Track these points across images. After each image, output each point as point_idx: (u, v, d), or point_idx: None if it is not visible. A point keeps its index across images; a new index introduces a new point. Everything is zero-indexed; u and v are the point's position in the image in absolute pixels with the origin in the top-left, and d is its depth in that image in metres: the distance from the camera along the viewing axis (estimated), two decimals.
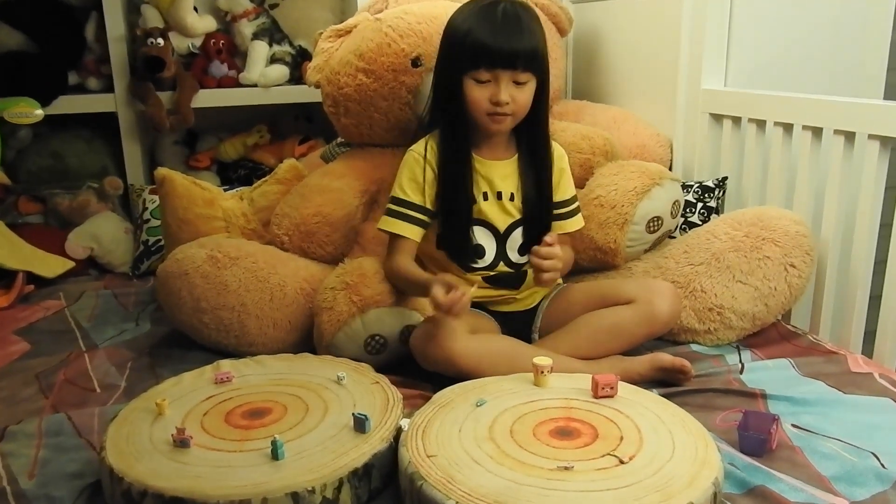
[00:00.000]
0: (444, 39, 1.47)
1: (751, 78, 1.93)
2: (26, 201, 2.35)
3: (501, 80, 1.39)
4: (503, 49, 1.37)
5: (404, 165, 1.50)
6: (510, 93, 1.40)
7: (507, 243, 1.52)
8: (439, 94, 1.49)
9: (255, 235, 1.82)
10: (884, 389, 1.36)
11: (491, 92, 1.40)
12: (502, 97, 1.39)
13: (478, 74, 1.39)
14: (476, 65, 1.39)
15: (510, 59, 1.38)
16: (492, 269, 1.52)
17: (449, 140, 1.48)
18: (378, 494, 1.10)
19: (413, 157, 1.50)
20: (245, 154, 2.56)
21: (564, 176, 1.55)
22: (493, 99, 1.40)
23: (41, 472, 1.17)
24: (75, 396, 1.44)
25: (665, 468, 1.02)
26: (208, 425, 1.16)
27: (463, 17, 1.43)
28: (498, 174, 1.50)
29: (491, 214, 1.50)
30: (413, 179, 1.48)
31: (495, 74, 1.39)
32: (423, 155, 1.49)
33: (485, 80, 1.40)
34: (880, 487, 1.08)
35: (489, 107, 1.41)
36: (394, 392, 1.26)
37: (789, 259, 1.57)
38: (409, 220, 1.47)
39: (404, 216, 1.47)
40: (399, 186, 1.49)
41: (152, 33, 2.27)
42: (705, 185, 1.88)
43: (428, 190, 1.48)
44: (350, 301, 1.45)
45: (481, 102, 1.41)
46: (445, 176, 1.48)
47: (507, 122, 1.44)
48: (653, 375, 1.43)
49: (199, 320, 1.57)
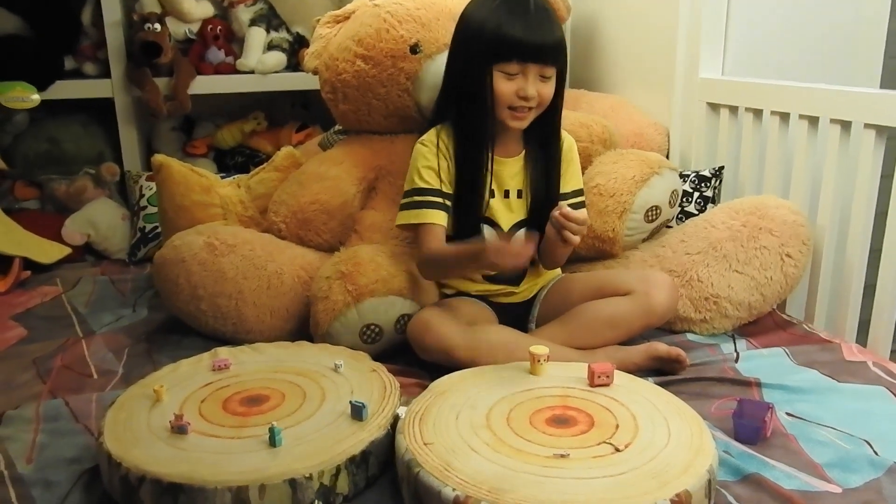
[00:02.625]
0: (468, 31, 1.43)
1: (748, 67, 1.93)
2: (23, 187, 2.35)
3: (530, 74, 1.37)
4: (536, 42, 1.35)
5: (417, 156, 1.47)
6: (536, 87, 1.38)
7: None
8: (458, 86, 1.45)
9: (253, 223, 1.82)
10: (877, 378, 1.37)
11: (518, 86, 1.37)
12: (530, 91, 1.37)
13: (508, 67, 1.37)
14: (508, 57, 1.36)
15: (541, 53, 1.36)
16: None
17: (465, 137, 1.45)
18: (375, 481, 1.10)
19: (425, 146, 1.47)
20: (242, 141, 2.55)
21: (571, 167, 1.53)
22: (520, 93, 1.37)
23: (39, 456, 1.18)
24: (73, 382, 1.44)
25: (660, 456, 1.02)
26: (206, 412, 1.16)
27: (488, 8, 1.39)
28: (508, 172, 1.48)
29: (498, 213, 1.49)
30: (429, 167, 1.45)
31: (524, 68, 1.37)
32: (436, 144, 1.46)
33: (513, 73, 1.37)
34: (873, 474, 1.09)
35: (514, 100, 1.38)
36: (391, 380, 1.26)
37: (786, 249, 1.58)
38: (433, 207, 1.45)
39: (427, 203, 1.45)
40: (416, 177, 1.46)
41: (149, 18, 2.26)
42: (702, 175, 1.88)
43: (444, 176, 1.45)
44: (345, 290, 1.45)
45: (508, 96, 1.38)
46: (462, 173, 1.45)
47: (529, 116, 1.42)
48: (649, 364, 1.43)
49: (197, 307, 1.57)
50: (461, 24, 1.45)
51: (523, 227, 1.50)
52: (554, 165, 1.50)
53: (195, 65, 2.39)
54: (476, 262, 1.34)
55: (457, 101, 1.46)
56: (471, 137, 1.44)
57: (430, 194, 1.45)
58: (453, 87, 1.47)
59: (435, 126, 1.49)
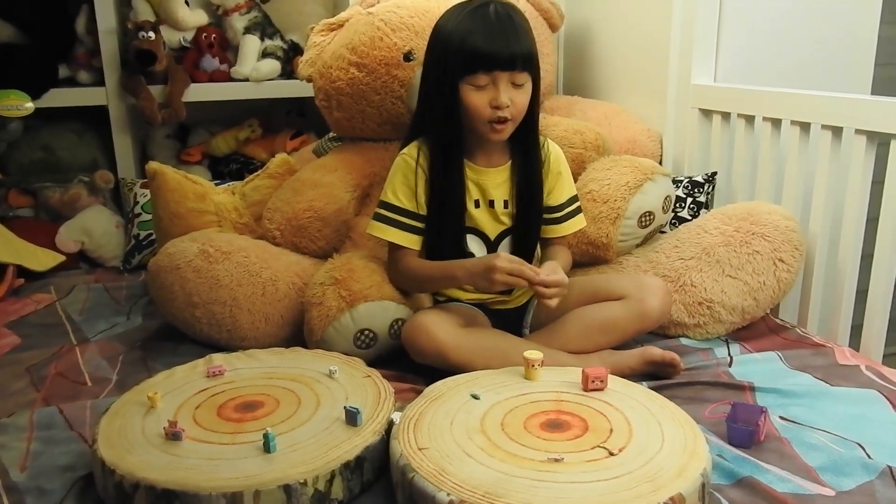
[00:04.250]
0: (435, 46, 1.42)
1: (740, 73, 1.95)
2: (17, 194, 2.35)
3: (500, 83, 1.35)
4: (500, 50, 1.33)
5: (397, 169, 1.47)
6: (510, 95, 1.36)
7: (497, 251, 1.49)
8: (431, 102, 1.44)
9: (247, 230, 1.82)
10: (870, 381, 1.37)
11: (490, 96, 1.36)
12: (502, 99, 1.35)
13: (475, 79, 1.35)
14: (473, 69, 1.34)
15: (508, 60, 1.34)
16: None
17: (440, 148, 1.44)
18: (370, 487, 1.10)
19: (405, 162, 1.46)
20: (237, 148, 2.56)
21: (561, 179, 1.52)
22: (493, 103, 1.36)
23: (33, 464, 1.18)
24: (67, 389, 1.44)
25: (654, 460, 1.02)
26: (200, 418, 1.16)
27: (453, 22, 1.38)
28: (491, 182, 1.47)
29: (482, 222, 1.49)
30: (406, 185, 1.45)
31: (493, 77, 1.35)
32: (416, 159, 1.45)
33: (483, 85, 1.36)
34: (866, 477, 1.09)
35: (490, 113, 1.37)
36: (385, 385, 1.26)
37: (778, 254, 1.58)
38: (405, 229, 1.45)
39: (399, 224, 1.45)
40: (392, 191, 1.46)
41: (143, 27, 2.26)
42: (695, 180, 1.89)
43: (420, 196, 1.45)
44: (339, 296, 1.45)
45: (482, 109, 1.36)
46: (437, 184, 1.44)
47: (508, 128, 1.40)
48: (643, 369, 1.44)
49: (191, 314, 1.57)
50: (431, 38, 1.43)
51: (510, 235, 1.50)
52: (536, 172, 1.49)
53: (190, 72, 2.39)
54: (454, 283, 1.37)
55: (431, 115, 1.44)
56: (446, 150, 1.43)
57: (403, 214, 1.45)
58: (427, 101, 1.46)
59: (415, 139, 1.48)
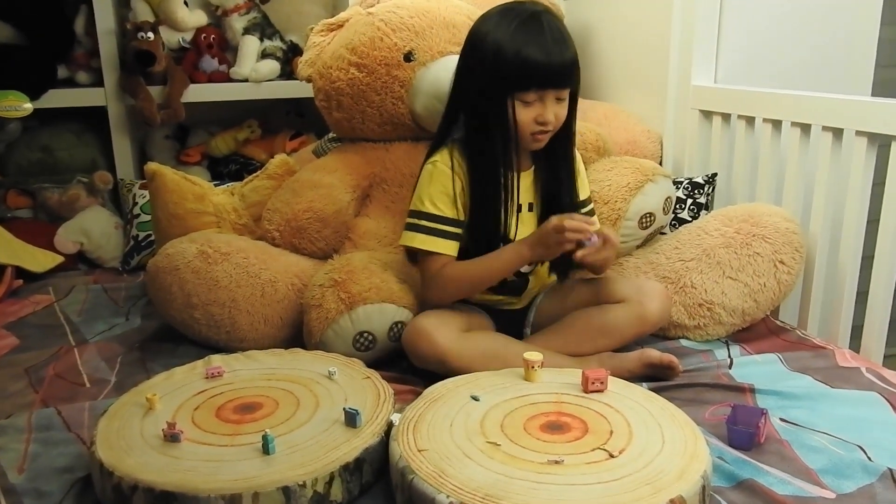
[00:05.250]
0: (483, 55, 1.35)
1: (740, 75, 1.95)
2: (15, 195, 2.34)
3: (548, 100, 1.35)
4: (554, 68, 1.32)
5: (432, 178, 1.42)
6: (554, 111, 1.36)
7: None
8: (471, 110, 1.40)
9: (246, 231, 1.82)
10: (870, 383, 1.37)
11: (537, 112, 1.35)
12: (549, 117, 1.35)
13: (525, 96, 1.34)
14: (527, 87, 1.33)
15: (560, 79, 1.34)
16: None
17: (481, 158, 1.40)
18: (369, 488, 1.10)
19: (440, 169, 1.42)
20: (236, 149, 2.55)
21: (581, 177, 1.52)
22: (539, 119, 1.35)
23: (31, 466, 1.17)
24: (65, 391, 1.44)
25: (654, 462, 1.02)
26: (199, 420, 1.16)
27: (504, 33, 1.33)
28: (523, 185, 1.46)
29: (510, 227, 1.45)
30: (445, 193, 1.41)
31: (543, 94, 1.34)
32: (451, 166, 1.41)
33: (531, 101, 1.35)
34: (867, 480, 1.09)
35: (534, 127, 1.36)
36: (385, 387, 1.26)
37: (779, 256, 1.58)
38: (447, 236, 1.42)
39: (439, 232, 1.41)
40: (429, 200, 1.41)
41: (142, 27, 2.26)
42: (695, 182, 1.89)
43: (459, 202, 1.41)
44: (338, 298, 1.45)
45: (528, 125, 1.36)
46: (480, 193, 1.41)
47: (547, 138, 1.40)
48: (641, 371, 1.43)
49: (190, 315, 1.57)
50: (475, 44, 1.38)
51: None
52: (567, 176, 1.47)
53: (189, 73, 2.39)
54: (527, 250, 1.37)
55: (472, 124, 1.41)
56: (492, 160, 1.40)
57: (443, 223, 1.42)
58: (465, 108, 1.42)
59: (443, 144, 1.45)
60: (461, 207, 1.42)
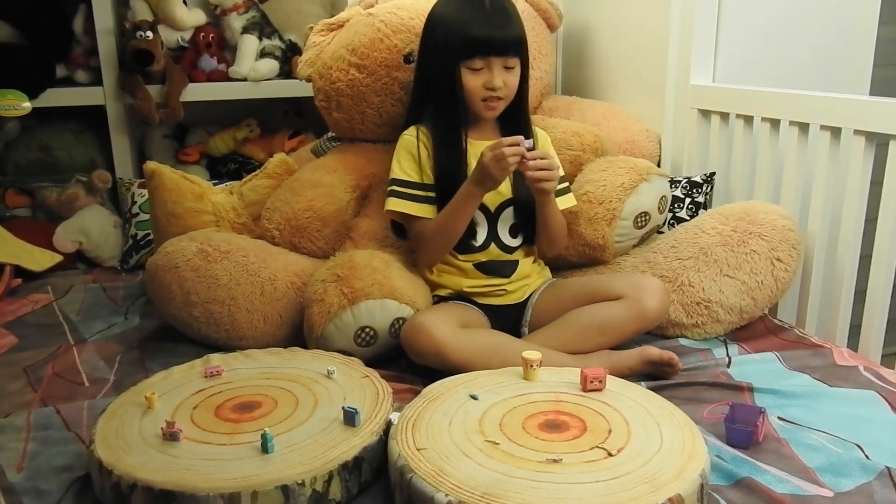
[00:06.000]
0: (433, 31, 1.53)
1: (738, 74, 1.95)
2: (14, 194, 2.34)
3: (494, 67, 1.48)
4: (497, 38, 1.46)
5: (400, 148, 1.56)
6: (502, 78, 1.48)
7: (498, 223, 1.55)
8: (430, 84, 1.55)
9: (245, 230, 1.82)
10: (869, 382, 1.37)
11: (485, 79, 1.48)
12: (497, 83, 1.48)
13: (472, 63, 1.48)
14: (472, 54, 1.47)
15: (503, 47, 1.47)
16: (483, 250, 1.54)
17: (441, 126, 1.54)
18: (368, 487, 1.10)
19: (406, 139, 1.56)
20: (235, 148, 2.55)
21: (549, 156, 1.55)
22: (487, 85, 1.48)
23: (29, 465, 1.17)
24: (64, 390, 1.44)
25: (653, 460, 1.02)
26: (198, 419, 1.16)
27: (451, 9, 1.51)
28: None
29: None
30: (411, 159, 1.54)
31: (489, 62, 1.48)
32: (416, 136, 1.55)
33: (479, 68, 1.48)
34: (865, 478, 1.09)
35: (484, 92, 1.49)
36: (384, 386, 1.26)
37: (776, 253, 1.58)
38: (419, 200, 1.53)
39: (413, 196, 1.53)
40: (399, 168, 1.55)
41: (141, 26, 2.26)
42: (693, 181, 1.89)
43: (425, 167, 1.53)
44: (341, 293, 1.45)
45: (477, 90, 1.49)
46: (441, 160, 1.53)
47: (500, 106, 1.52)
48: (641, 369, 1.44)
49: (190, 314, 1.57)
50: (428, 24, 1.55)
51: (509, 206, 1.55)
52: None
53: (187, 72, 2.39)
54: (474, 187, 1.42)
55: (431, 98, 1.55)
56: (447, 128, 1.53)
57: (414, 187, 1.53)
58: (425, 86, 1.56)
59: (412, 125, 1.58)
60: (427, 172, 1.54)
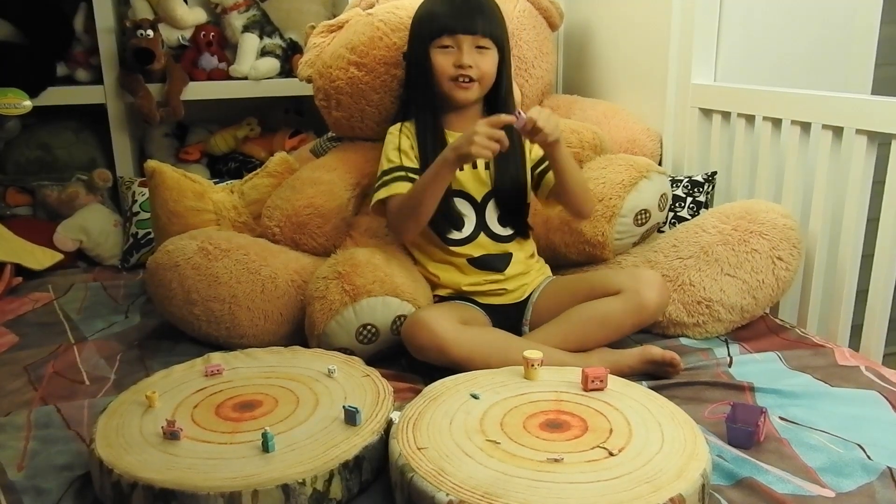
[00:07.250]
0: (411, 28, 1.59)
1: (740, 73, 1.94)
2: (14, 193, 2.34)
3: (463, 45, 1.50)
4: (462, 14, 1.49)
5: (386, 143, 1.59)
6: (473, 58, 1.50)
7: (485, 213, 1.56)
8: (410, 73, 1.61)
9: (246, 228, 1.82)
10: (870, 382, 1.37)
11: (455, 58, 1.50)
12: (465, 60, 1.49)
13: (440, 41, 1.51)
14: (440, 32, 1.50)
15: (469, 24, 1.49)
16: (474, 241, 1.54)
17: (423, 117, 1.57)
18: (369, 486, 1.10)
19: (391, 132, 1.59)
20: (235, 147, 2.55)
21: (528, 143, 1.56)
22: (456, 63, 1.50)
23: (30, 463, 1.17)
24: (64, 389, 1.44)
25: (654, 460, 1.02)
26: (198, 418, 1.16)
27: (424, 5, 1.57)
28: None
29: (467, 183, 1.55)
30: (396, 148, 1.56)
31: (457, 40, 1.50)
32: (399, 129, 1.58)
33: (448, 46, 1.51)
34: (866, 478, 1.09)
35: (454, 71, 1.51)
36: (384, 385, 1.26)
37: (777, 252, 1.58)
38: (398, 179, 1.52)
39: (392, 179, 1.53)
40: (385, 159, 1.56)
41: (142, 25, 2.26)
42: (694, 180, 1.89)
43: (407, 151, 1.55)
44: (342, 290, 1.45)
45: (446, 68, 1.51)
46: (423, 151, 1.54)
47: (473, 88, 1.53)
48: (643, 368, 1.43)
49: (190, 312, 1.57)
50: (411, 23, 1.60)
51: (494, 196, 1.56)
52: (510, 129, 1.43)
53: (188, 71, 2.39)
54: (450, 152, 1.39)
55: (411, 88, 1.60)
56: (426, 115, 1.57)
57: (395, 171, 1.54)
58: (408, 75, 1.62)
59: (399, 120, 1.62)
60: (410, 155, 1.55)
